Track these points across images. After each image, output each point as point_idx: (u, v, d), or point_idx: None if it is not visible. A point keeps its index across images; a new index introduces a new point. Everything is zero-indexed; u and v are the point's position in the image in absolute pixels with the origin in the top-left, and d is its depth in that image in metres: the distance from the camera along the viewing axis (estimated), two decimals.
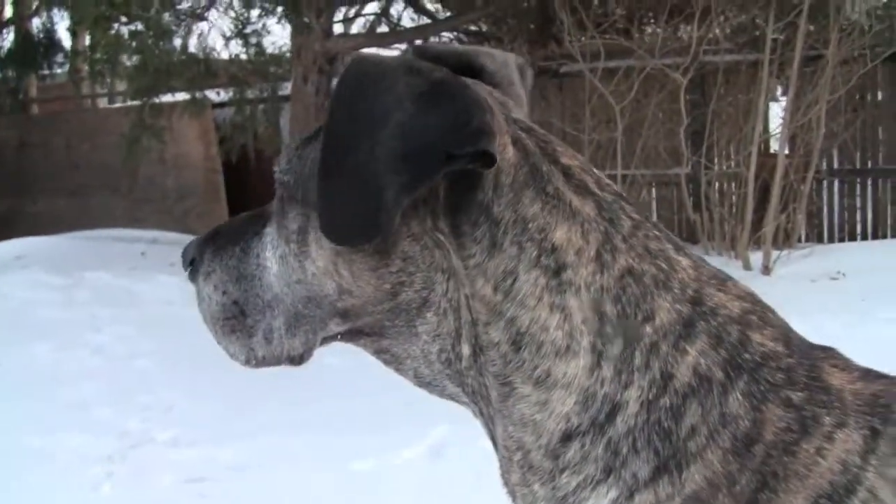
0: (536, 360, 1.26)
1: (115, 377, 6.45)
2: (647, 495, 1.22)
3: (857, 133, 11.08)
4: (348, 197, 1.20)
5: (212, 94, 12.29)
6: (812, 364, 1.29)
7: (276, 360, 1.48)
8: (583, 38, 9.70)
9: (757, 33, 10.10)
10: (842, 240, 11.42)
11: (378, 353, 1.42)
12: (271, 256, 1.45)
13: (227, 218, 13.29)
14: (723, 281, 1.35)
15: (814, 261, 9.26)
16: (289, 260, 1.41)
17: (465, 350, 1.32)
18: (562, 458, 1.26)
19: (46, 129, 15.51)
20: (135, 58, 9.97)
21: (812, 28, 9.67)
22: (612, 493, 1.24)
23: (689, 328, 1.28)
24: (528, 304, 1.27)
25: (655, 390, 1.25)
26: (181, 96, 11.55)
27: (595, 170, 1.36)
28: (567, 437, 1.26)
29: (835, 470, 1.19)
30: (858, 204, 11.49)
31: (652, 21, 10.71)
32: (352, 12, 12.20)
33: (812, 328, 1.82)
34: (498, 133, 1.22)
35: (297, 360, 1.47)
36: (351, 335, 1.41)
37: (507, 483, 1.35)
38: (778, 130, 10.27)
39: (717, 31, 10.09)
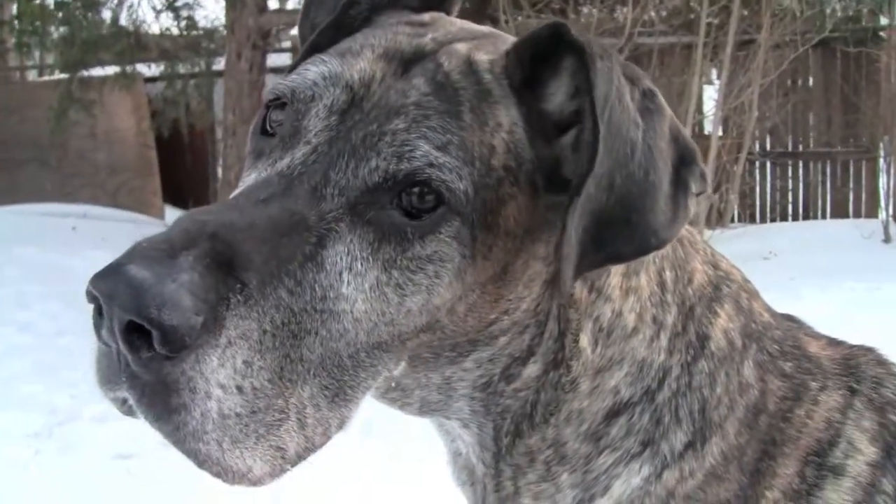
0: (604, 349, 1.24)
1: (43, 354, 6.31)
2: (674, 472, 1.24)
3: (789, 117, 11.26)
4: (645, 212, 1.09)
5: (144, 69, 12.07)
6: (793, 335, 1.37)
7: (308, 453, 1.07)
8: (518, 18, 9.68)
9: (691, 16, 10.18)
10: (773, 220, 11.62)
11: (386, 391, 1.22)
12: (355, 290, 1.05)
13: (160, 193, 13.10)
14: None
15: (746, 241, 9.39)
16: (384, 291, 1.07)
17: (531, 370, 1.24)
18: (604, 438, 1.25)
19: None
20: (62, 29, 9.75)
21: (745, 12, 9.76)
22: (646, 470, 1.24)
23: (717, 291, 1.32)
24: (612, 297, 1.24)
25: (693, 352, 1.27)
26: (112, 69, 11.33)
27: None
28: (614, 414, 1.25)
29: (820, 428, 1.28)
30: (790, 186, 11.67)
31: (588, 1, 10.72)
32: None
33: None
34: None
35: (329, 438, 1.11)
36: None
37: (500, 488, 1.31)
38: (711, 112, 10.37)
39: (652, 13, 10.14)
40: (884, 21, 10.77)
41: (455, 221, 1.07)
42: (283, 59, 14.15)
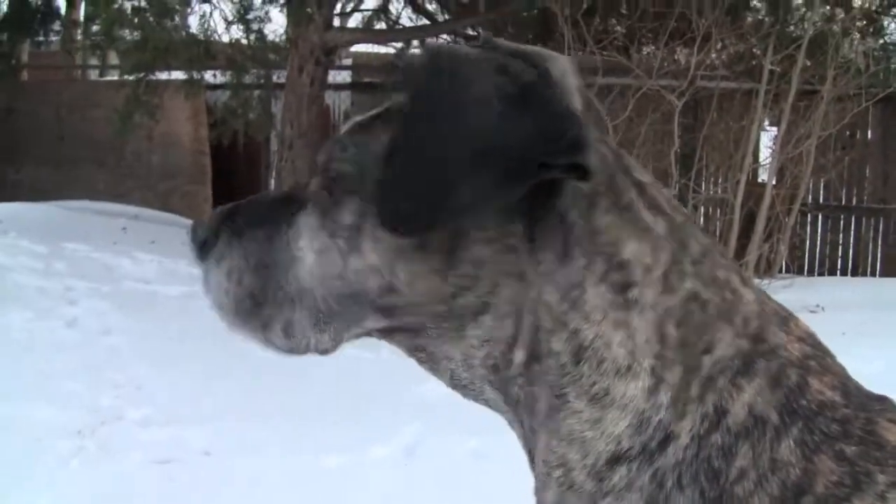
0: (595, 376, 1.23)
1: (88, 352, 6.40)
2: None
3: (845, 170, 11.17)
4: (417, 186, 1.16)
5: (207, 76, 12.23)
6: (868, 417, 1.24)
7: (299, 352, 1.41)
8: (581, 53, 9.71)
9: (754, 63, 10.14)
10: (822, 274, 11.48)
11: (413, 350, 1.37)
12: (307, 247, 1.36)
13: (211, 200, 13.27)
14: (785, 319, 1.31)
15: (794, 292, 9.27)
16: (330, 254, 1.33)
17: (519, 356, 1.28)
18: (606, 481, 1.23)
19: (36, 97, 15.35)
20: (135, 33, 9.93)
21: (809, 63, 9.72)
22: None
23: (748, 365, 1.24)
24: (593, 318, 1.23)
25: (708, 425, 1.21)
26: (176, 75, 11.50)
27: (665, 189, 1.32)
28: (615, 460, 1.22)
29: None
30: (841, 240, 11.57)
31: (651, 42, 10.73)
32: (349, 6, 12.18)
33: None
34: (593, 144, 1.17)
35: (324, 352, 1.41)
36: (386, 333, 1.35)
37: (541, 501, 1.30)
38: (767, 161, 10.32)
39: (715, 57, 10.12)
40: None
41: (356, 200, 1.29)
42: (343, 76, 14.29)
